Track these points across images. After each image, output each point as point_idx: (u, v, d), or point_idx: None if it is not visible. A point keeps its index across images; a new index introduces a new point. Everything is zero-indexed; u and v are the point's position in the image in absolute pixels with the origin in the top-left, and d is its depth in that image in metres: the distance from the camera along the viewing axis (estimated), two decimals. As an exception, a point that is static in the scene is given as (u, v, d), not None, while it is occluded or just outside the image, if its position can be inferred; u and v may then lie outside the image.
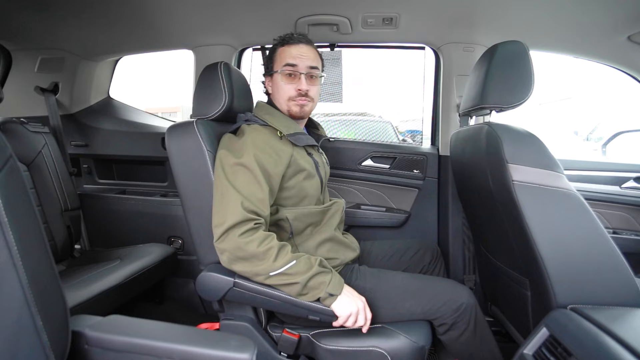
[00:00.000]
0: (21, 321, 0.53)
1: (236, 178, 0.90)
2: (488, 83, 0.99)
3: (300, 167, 1.01)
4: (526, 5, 1.26)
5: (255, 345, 0.60)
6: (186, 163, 0.97)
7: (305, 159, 1.05)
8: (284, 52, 1.06)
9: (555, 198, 0.87)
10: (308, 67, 1.05)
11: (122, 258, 1.44)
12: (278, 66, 1.05)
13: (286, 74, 1.04)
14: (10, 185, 0.54)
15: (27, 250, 0.54)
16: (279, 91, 1.06)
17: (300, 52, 1.05)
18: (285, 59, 1.04)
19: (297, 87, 1.04)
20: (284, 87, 1.05)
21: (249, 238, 0.84)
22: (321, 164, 1.12)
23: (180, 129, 0.98)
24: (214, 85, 1.03)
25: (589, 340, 0.71)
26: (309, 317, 0.89)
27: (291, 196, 1.02)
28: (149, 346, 0.61)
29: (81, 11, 1.36)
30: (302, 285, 0.85)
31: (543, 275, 0.87)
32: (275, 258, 0.85)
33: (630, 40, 1.30)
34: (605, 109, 8.09)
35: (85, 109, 1.84)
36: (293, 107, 1.06)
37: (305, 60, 1.05)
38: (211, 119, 1.05)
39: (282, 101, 1.07)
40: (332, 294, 0.86)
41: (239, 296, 0.91)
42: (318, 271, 0.87)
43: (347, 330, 0.96)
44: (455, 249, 1.55)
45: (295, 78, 1.04)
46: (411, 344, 0.92)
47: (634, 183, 1.53)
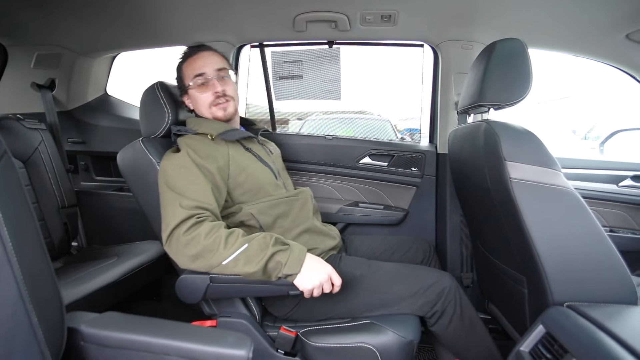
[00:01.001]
0: (16, 317, 0.53)
1: (176, 181, 0.91)
2: (486, 81, 0.99)
3: (242, 163, 1.04)
4: (525, 3, 1.26)
5: (252, 341, 0.60)
6: (141, 180, 1.01)
7: (244, 155, 1.08)
8: (189, 65, 1.10)
9: (553, 196, 0.87)
10: (215, 70, 1.08)
11: (119, 255, 1.44)
12: (188, 80, 1.09)
13: (199, 84, 1.08)
14: (4, 182, 0.53)
15: (22, 246, 0.54)
16: (198, 102, 1.10)
17: (203, 60, 1.09)
18: (192, 72, 1.08)
19: (213, 91, 1.08)
20: (200, 96, 1.08)
21: (195, 232, 0.84)
22: (264, 154, 1.16)
23: (129, 150, 1.03)
24: (155, 105, 1.08)
25: (585, 337, 0.72)
26: (290, 293, 0.89)
27: (247, 190, 1.04)
28: (145, 342, 0.61)
29: (79, 7, 1.35)
30: (262, 270, 0.84)
31: (540, 272, 0.88)
32: (225, 246, 0.84)
33: (628, 38, 1.30)
34: (603, 108, 8.11)
35: (82, 105, 1.83)
36: (216, 112, 1.09)
37: (210, 65, 1.09)
38: (160, 136, 1.09)
39: (204, 110, 1.10)
40: (289, 274, 0.86)
41: (219, 291, 0.91)
42: (273, 251, 0.86)
43: (335, 328, 0.98)
44: (453, 246, 1.56)
45: (208, 85, 1.08)
46: (399, 339, 0.92)
47: (631, 181, 1.53)
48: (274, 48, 1.65)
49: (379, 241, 1.32)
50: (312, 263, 0.89)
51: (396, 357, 0.92)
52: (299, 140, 1.69)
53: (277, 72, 1.67)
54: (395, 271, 1.05)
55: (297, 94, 1.68)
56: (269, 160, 1.14)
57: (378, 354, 0.91)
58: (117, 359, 0.63)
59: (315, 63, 1.62)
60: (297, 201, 1.10)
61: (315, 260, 0.91)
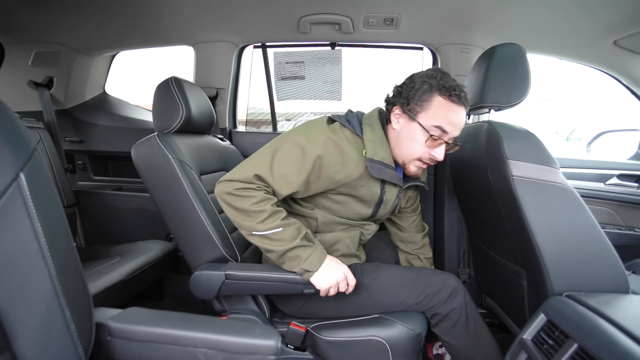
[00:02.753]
0: (50, 312, 0.54)
1: (284, 155, 0.89)
2: (487, 83, 1.04)
3: (356, 193, 0.98)
4: (520, 10, 1.32)
5: (279, 333, 0.63)
6: (157, 175, 1.00)
7: (371, 190, 0.99)
8: (445, 109, 0.91)
9: (552, 192, 0.92)
10: (455, 137, 0.96)
11: (122, 255, 1.43)
12: (428, 120, 0.92)
13: (433, 138, 0.92)
14: (36, 177, 0.54)
15: (54, 241, 0.55)
16: (409, 144, 0.95)
17: (459, 118, 0.93)
18: (441, 119, 0.91)
19: (434, 156, 0.95)
20: (419, 147, 0.94)
21: (247, 193, 0.86)
22: (387, 202, 1.05)
23: (144, 144, 1.02)
24: (169, 99, 1.07)
25: (585, 323, 0.76)
26: (304, 291, 0.91)
27: (331, 208, 1.01)
28: (174, 336, 0.63)
29: (81, 4, 1.34)
30: (279, 254, 0.87)
31: (540, 265, 0.93)
32: (264, 220, 0.85)
33: (616, 44, 1.38)
34: (583, 110, 8.42)
35: (81, 104, 1.80)
36: (412, 167, 0.98)
37: (457, 130, 0.94)
38: (173, 131, 1.08)
39: (404, 152, 0.97)
40: (307, 270, 0.87)
41: (233, 288, 0.93)
42: (298, 244, 0.87)
43: (346, 321, 1.00)
44: (451, 243, 1.60)
45: (437, 144, 0.94)
46: (408, 332, 0.95)
47: (617, 180, 1.61)
48: (276, 49, 1.67)
49: (381, 237, 1.33)
50: (331, 263, 0.91)
51: (406, 349, 0.95)
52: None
53: (279, 72, 1.69)
54: (400, 278, 1.03)
55: (299, 95, 1.71)
56: (386, 207, 1.06)
57: (388, 347, 0.94)
58: (144, 352, 0.65)
59: (317, 64, 1.65)
60: (358, 227, 1.09)
61: (333, 260, 0.92)
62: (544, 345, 0.84)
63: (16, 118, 0.53)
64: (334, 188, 0.96)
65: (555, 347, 0.80)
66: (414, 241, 1.28)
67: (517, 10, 1.32)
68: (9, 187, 0.50)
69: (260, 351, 0.59)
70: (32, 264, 0.52)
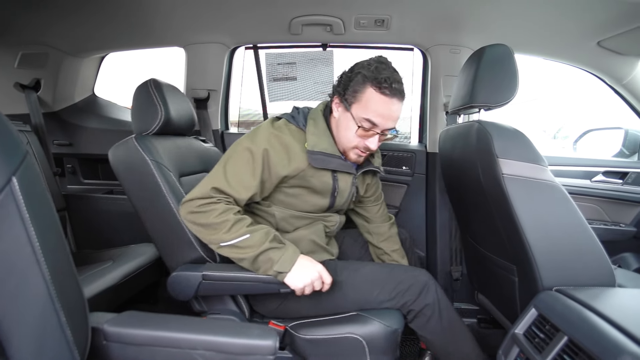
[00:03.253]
0: (46, 317, 0.53)
1: (235, 162, 0.93)
2: (477, 83, 1.06)
3: (308, 184, 1.00)
4: (508, 12, 1.35)
5: (277, 332, 0.63)
6: (134, 177, 1.01)
7: (322, 180, 1.01)
8: (375, 101, 0.93)
9: (541, 189, 0.94)
10: (389, 128, 0.98)
11: (114, 259, 1.41)
12: (359, 112, 0.94)
13: (365, 127, 0.95)
14: (29, 181, 0.53)
15: (48, 245, 0.54)
16: (346, 134, 0.98)
17: (391, 111, 0.95)
18: (371, 112, 0.94)
19: (367, 145, 0.98)
20: (353, 137, 0.98)
21: (208, 208, 0.88)
22: (342, 190, 1.06)
23: (121, 146, 1.02)
24: (147, 102, 1.07)
25: (574, 316, 0.79)
26: (281, 290, 0.92)
27: (287, 203, 1.03)
28: (171, 338, 0.62)
29: (68, 6, 1.32)
30: (251, 261, 0.88)
31: (530, 260, 0.95)
32: (229, 230, 0.88)
33: (600, 45, 1.42)
34: (569, 109, 8.61)
35: (69, 106, 1.77)
36: (351, 154, 1.01)
37: (388, 122, 0.96)
38: (152, 133, 1.08)
39: (343, 140, 1.00)
40: (280, 272, 0.88)
41: (211, 288, 0.95)
42: (268, 247, 0.89)
43: (323, 320, 1.01)
44: (443, 241, 1.63)
45: (370, 135, 0.97)
46: (385, 328, 0.96)
47: (602, 177, 1.66)
48: (268, 50, 1.67)
49: (357, 233, 1.34)
50: (304, 262, 0.92)
51: (382, 345, 0.97)
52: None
53: (271, 73, 1.69)
54: (373, 275, 1.04)
55: (291, 96, 1.71)
56: (342, 196, 1.07)
57: (365, 343, 0.96)
58: (140, 356, 0.64)
59: (308, 65, 1.66)
60: (320, 223, 1.09)
61: (306, 259, 0.93)
62: (535, 339, 0.86)
63: (7, 121, 0.53)
64: (286, 181, 0.99)
65: (546, 341, 0.82)
66: (381, 232, 1.29)
67: (505, 12, 1.35)
68: (1, 192, 0.49)
69: (258, 352, 0.60)
70: (26, 269, 0.52)
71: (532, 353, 0.83)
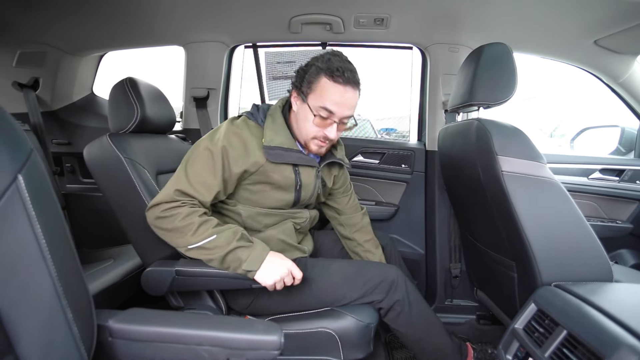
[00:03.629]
0: (53, 314, 0.53)
1: (195, 163, 0.94)
2: (476, 81, 1.07)
3: (270, 180, 1.00)
4: (506, 11, 1.36)
5: (281, 327, 0.64)
6: (109, 175, 1.02)
7: (284, 174, 1.01)
8: (329, 90, 0.94)
9: (540, 186, 0.96)
10: (346, 117, 0.98)
11: (115, 258, 1.42)
12: (315, 101, 0.95)
13: (322, 115, 0.96)
14: (34, 179, 0.54)
15: (54, 242, 0.55)
16: (304, 123, 0.99)
17: (345, 98, 0.95)
18: (326, 101, 0.94)
19: (326, 134, 0.98)
20: (311, 127, 0.98)
21: (172, 212, 0.89)
22: (306, 184, 1.06)
23: (95, 144, 1.03)
24: (123, 100, 1.08)
25: (573, 310, 0.80)
26: (253, 286, 0.93)
27: (251, 200, 1.03)
28: (176, 334, 0.63)
29: (67, 4, 1.31)
30: (219, 261, 0.89)
31: (530, 256, 0.96)
32: (194, 233, 0.88)
33: (596, 44, 1.44)
34: (565, 108, 8.68)
35: (68, 105, 1.76)
36: (312, 145, 1.01)
37: (344, 110, 0.96)
38: (128, 131, 1.09)
39: (302, 132, 1.01)
40: (249, 270, 0.90)
41: (184, 284, 0.97)
42: (236, 246, 0.90)
43: (297, 315, 1.02)
44: (442, 239, 1.64)
45: (328, 124, 0.97)
46: (357, 323, 0.98)
47: (599, 174, 1.68)
48: (267, 49, 1.67)
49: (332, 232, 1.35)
50: (273, 259, 0.93)
51: (354, 339, 0.98)
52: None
53: (270, 72, 1.69)
54: (342, 272, 1.04)
55: (291, 94, 1.71)
56: (306, 190, 1.07)
57: (337, 337, 0.98)
58: (146, 352, 0.65)
59: (308, 64, 1.66)
60: (289, 221, 1.10)
61: (276, 256, 0.94)
62: (534, 333, 0.88)
63: (12, 119, 0.53)
64: (247, 177, 0.99)
65: (545, 335, 0.83)
66: (353, 223, 1.28)
67: (503, 11, 1.36)
68: (7, 189, 0.49)
69: (263, 347, 0.60)
70: (32, 266, 0.52)
71: (531, 347, 0.84)
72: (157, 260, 1.01)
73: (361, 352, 1.00)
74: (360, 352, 1.00)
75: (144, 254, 1.06)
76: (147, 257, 1.04)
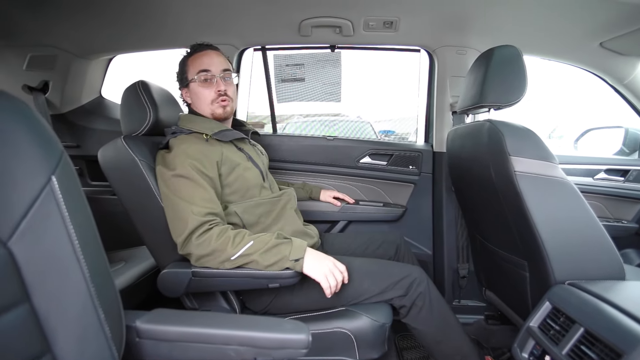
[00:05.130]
0: (87, 314, 0.54)
1: (179, 189, 0.96)
2: (487, 83, 1.09)
3: (234, 162, 1.08)
4: (513, 14, 1.38)
5: (314, 330, 0.64)
6: (124, 178, 1.02)
7: (237, 154, 1.11)
8: (195, 60, 1.12)
9: (553, 186, 0.97)
10: (221, 70, 1.12)
11: (126, 260, 1.42)
12: (192, 74, 1.11)
13: (202, 79, 1.10)
14: (66, 180, 0.54)
15: (86, 243, 0.55)
16: (199, 97, 1.12)
17: (210, 58, 1.12)
18: (198, 67, 1.10)
19: (216, 89, 1.11)
20: (203, 92, 1.11)
21: (205, 237, 0.92)
22: (255, 154, 1.19)
23: (111, 147, 1.03)
24: (136, 103, 1.09)
25: (590, 308, 0.81)
26: (269, 285, 0.95)
27: (235, 191, 1.08)
28: (204, 334, 0.63)
29: (78, 7, 1.32)
30: (262, 260, 0.92)
31: (543, 255, 0.97)
32: (232, 244, 0.92)
33: (602, 46, 1.46)
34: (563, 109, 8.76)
35: (77, 108, 1.76)
36: (216, 109, 1.12)
37: (217, 65, 1.11)
38: (141, 134, 1.10)
39: (204, 106, 1.12)
40: (296, 259, 0.92)
41: (201, 285, 0.97)
42: (275, 243, 0.93)
43: (312, 315, 1.03)
44: (450, 239, 1.65)
45: (211, 82, 1.11)
46: (372, 323, 0.99)
47: (604, 175, 1.70)
48: (276, 51, 1.68)
49: (351, 238, 1.38)
50: (313, 252, 0.97)
51: (370, 339, 0.99)
52: (301, 141, 1.73)
53: (279, 75, 1.70)
54: (364, 268, 1.08)
55: (299, 97, 1.73)
56: (259, 162, 1.18)
57: (353, 337, 0.98)
58: (173, 352, 0.65)
59: (316, 66, 1.68)
60: (279, 202, 1.16)
61: (316, 252, 0.97)
62: (550, 331, 0.89)
63: (44, 121, 0.53)
64: (221, 171, 1.05)
65: (561, 332, 0.85)
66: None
67: (510, 14, 1.38)
68: (42, 191, 0.50)
69: (291, 345, 0.61)
70: (67, 267, 0.53)
71: (548, 345, 0.85)
72: (172, 262, 1.02)
73: (376, 352, 1.01)
74: (375, 351, 1.01)
75: (159, 256, 1.07)
76: (163, 259, 1.05)
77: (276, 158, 1.69)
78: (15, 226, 0.47)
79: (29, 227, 0.48)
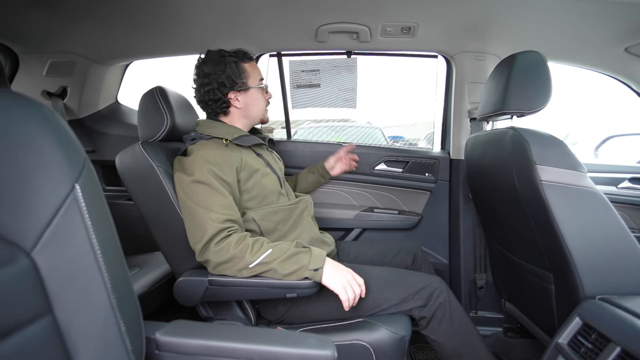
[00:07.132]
0: (108, 326, 0.53)
1: (197, 195, 0.95)
2: (509, 90, 1.06)
3: (253, 168, 1.08)
4: (534, 19, 1.35)
5: (333, 342, 0.62)
6: (141, 184, 1.01)
7: (256, 160, 1.12)
8: (254, 68, 1.17)
9: (581, 196, 0.93)
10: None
11: (140, 266, 1.41)
12: (255, 81, 1.15)
13: (263, 87, 1.18)
14: (90, 188, 0.53)
15: (108, 253, 0.54)
16: (257, 103, 1.17)
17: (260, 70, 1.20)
18: (258, 75, 1.17)
19: (268, 98, 1.21)
20: (261, 99, 1.18)
21: (225, 242, 0.91)
22: (272, 160, 1.20)
23: (128, 153, 1.02)
24: (154, 109, 1.09)
25: (626, 326, 0.77)
26: (287, 295, 0.93)
27: (253, 197, 1.07)
28: (226, 348, 0.61)
29: (97, 15, 1.34)
30: (281, 269, 0.90)
31: (571, 268, 0.93)
32: (251, 251, 0.91)
33: (627, 51, 1.42)
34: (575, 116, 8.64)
35: (93, 114, 1.79)
36: (266, 114, 1.21)
37: None
38: (158, 140, 1.10)
39: (258, 112, 1.18)
40: (315, 269, 0.91)
41: (217, 294, 0.96)
42: (294, 252, 0.92)
43: (331, 326, 1.01)
44: (467, 248, 1.61)
45: (267, 92, 1.21)
46: (391, 335, 0.96)
47: (629, 183, 1.64)
48: (291, 57, 1.68)
49: (368, 246, 1.35)
50: (332, 263, 0.95)
51: (389, 352, 0.96)
52: (316, 147, 1.72)
53: (294, 80, 1.70)
54: (383, 276, 1.06)
55: (314, 102, 1.72)
56: (277, 168, 1.18)
57: (372, 350, 0.95)
58: (193, 365, 0.63)
59: (332, 72, 1.67)
60: (296, 209, 1.15)
61: (335, 263, 0.96)
62: (581, 348, 0.84)
63: (68, 127, 0.52)
64: (240, 177, 1.05)
65: (595, 351, 0.80)
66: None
67: (531, 19, 1.35)
68: (66, 199, 0.49)
69: (316, 361, 0.59)
70: (90, 277, 0.51)
71: (580, 364, 0.81)
72: (188, 269, 1.00)
73: None
74: None
75: (175, 262, 1.06)
76: (179, 266, 1.04)
77: (290, 164, 1.68)
78: (39, 236, 0.46)
79: (52, 236, 0.47)
